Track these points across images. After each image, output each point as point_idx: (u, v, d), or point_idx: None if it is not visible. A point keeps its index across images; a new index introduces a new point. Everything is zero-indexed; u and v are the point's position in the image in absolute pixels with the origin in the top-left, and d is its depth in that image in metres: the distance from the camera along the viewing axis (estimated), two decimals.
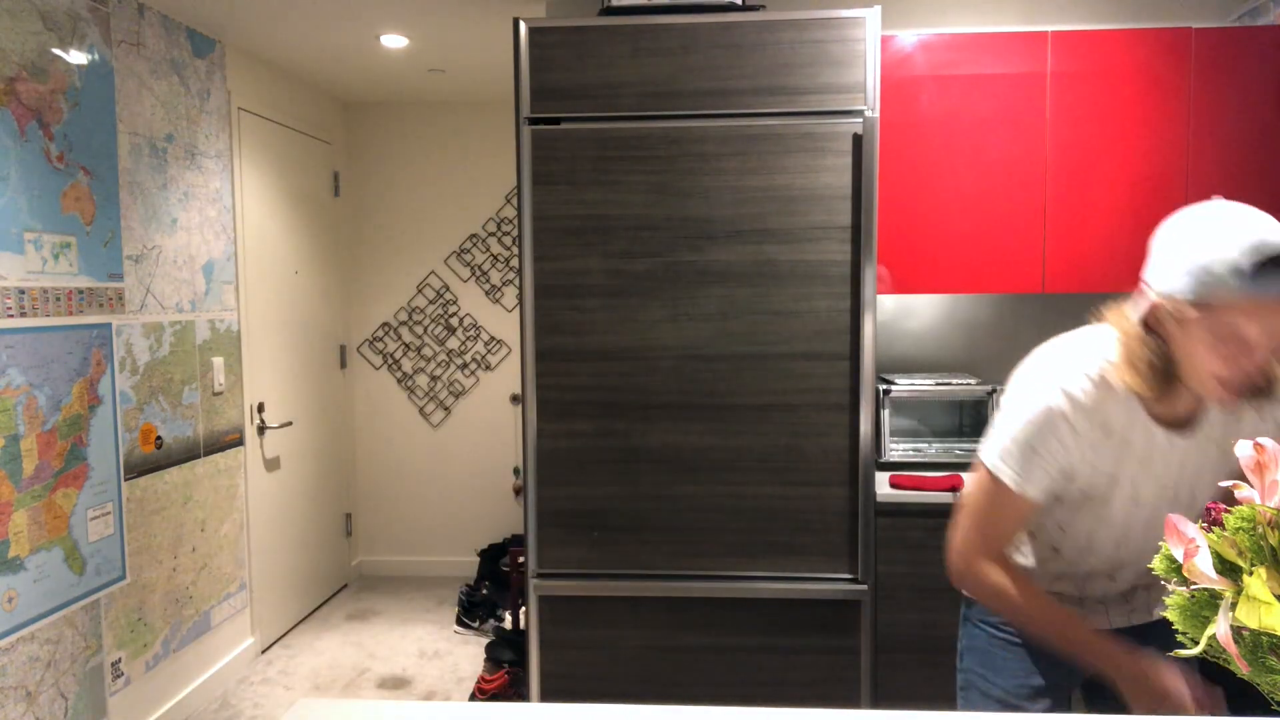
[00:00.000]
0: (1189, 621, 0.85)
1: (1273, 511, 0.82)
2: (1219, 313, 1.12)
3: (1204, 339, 1.14)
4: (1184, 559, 0.83)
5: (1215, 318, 1.12)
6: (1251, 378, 1.15)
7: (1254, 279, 1.08)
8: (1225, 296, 1.10)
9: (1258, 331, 1.10)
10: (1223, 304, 1.11)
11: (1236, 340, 1.12)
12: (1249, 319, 1.10)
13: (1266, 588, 0.77)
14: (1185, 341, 1.17)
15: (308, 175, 4.19)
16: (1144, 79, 2.51)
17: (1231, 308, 1.10)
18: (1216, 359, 1.14)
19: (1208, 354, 1.15)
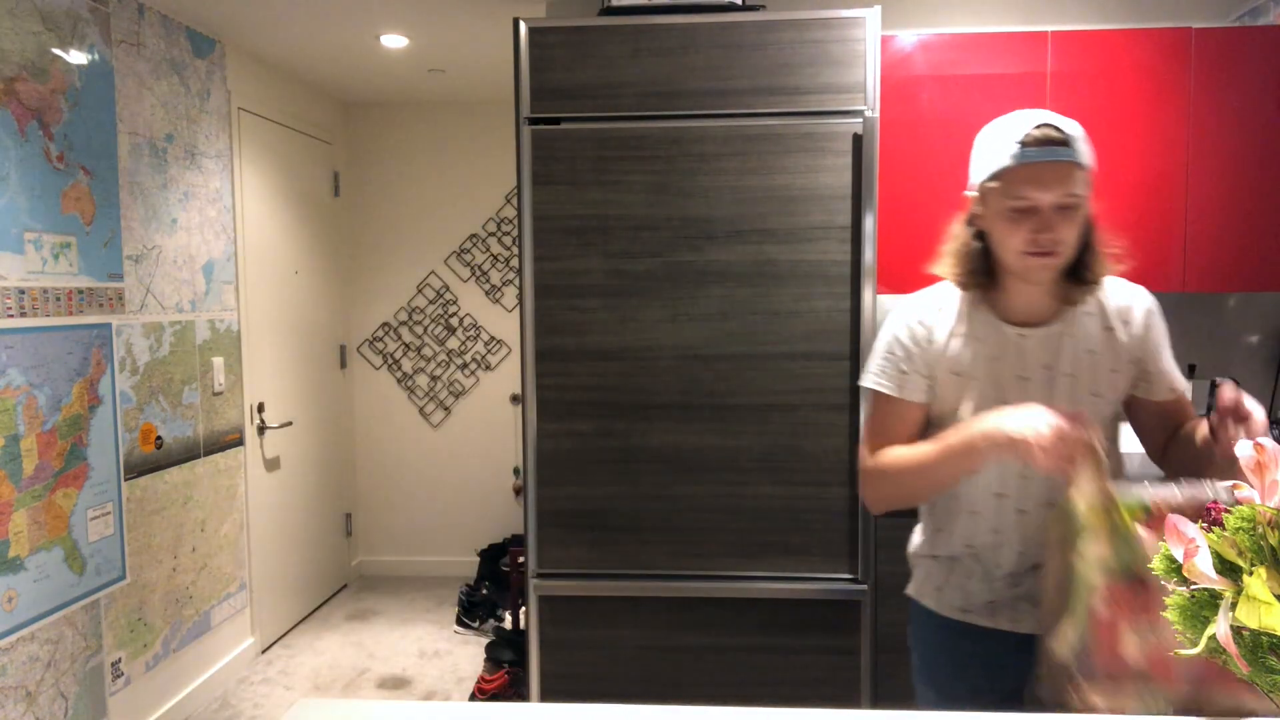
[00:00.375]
0: (1189, 621, 0.85)
1: (1273, 511, 0.82)
2: (1005, 184, 1.30)
3: (1000, 213, 1.31)
4: (1184, 559, 0.83)
5: (1004, 190, 1.30)
6: (1047, 246, 1.29)
7: (1024, 147, 1.28)
8: (1005, 165, 1.29)
9: (1035, 191, 1.27)
10: (1006, 173, 1.29)
11: (1023, 205, 1.28)
12: (1027, 183, 1.27)
13: (1266, 588, 0.77)
14: (992, 224, 1.34)
15: (308, 175, 4.19)
16: (1144, 79, 2.51)
17: (1012, 175, 1.29)
18: (1013, 228, 1.30)
19: (1007, 227, 1.31)
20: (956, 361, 1.41)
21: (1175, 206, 2.53)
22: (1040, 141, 1.27)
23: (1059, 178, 1.27)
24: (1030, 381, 1.39)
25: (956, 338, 1.42)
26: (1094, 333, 1.40)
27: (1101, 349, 1.40)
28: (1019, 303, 1.40)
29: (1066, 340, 1.39)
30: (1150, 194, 2.54)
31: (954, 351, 1.41)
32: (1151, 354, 1.43)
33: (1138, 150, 2.53)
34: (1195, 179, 2.53)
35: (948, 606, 1.50)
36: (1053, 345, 1.39)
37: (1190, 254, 2.55)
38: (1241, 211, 2.53)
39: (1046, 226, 1.29)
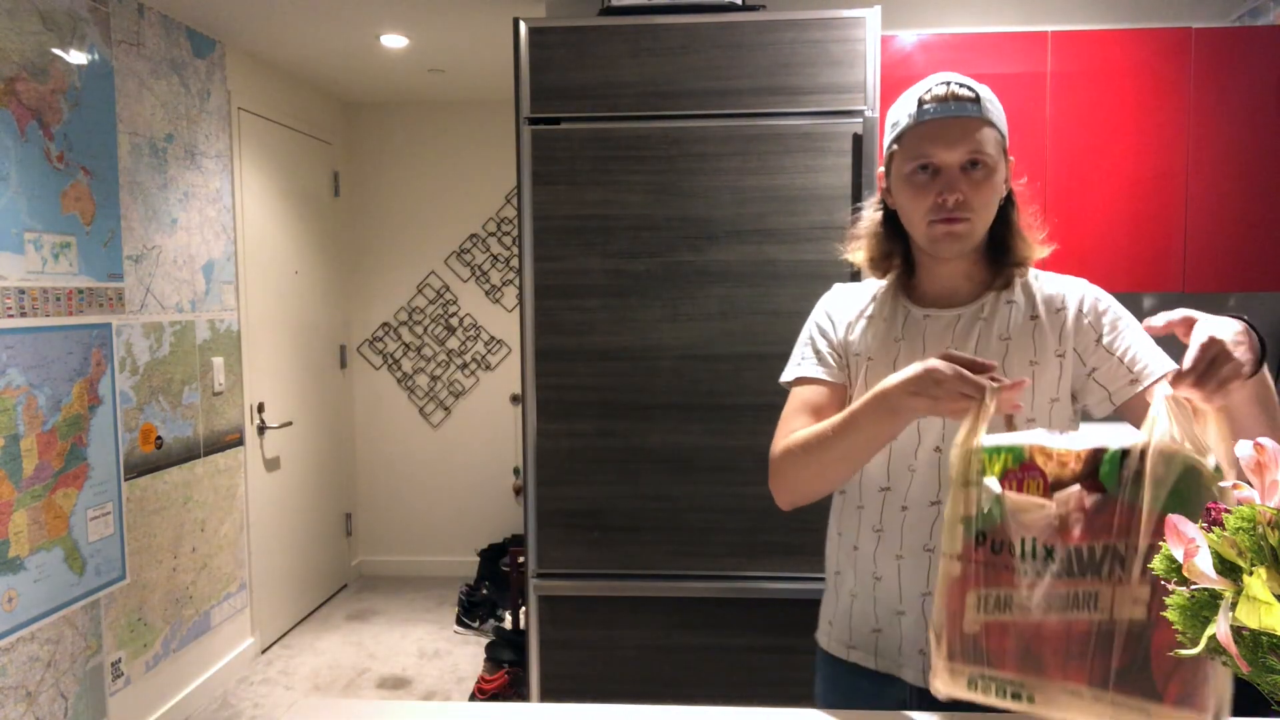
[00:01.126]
0: (1189, 621, 0.85)
1: (1273, 511, 0.82)
2: (906, 145, 1.22)
3: (903, 179, 1.23)
4: (1184, 559, 0.83)
5: (905, 151, 1.23)
6: (954, 211, 1.19)
7: (922, 101, 1.21)
8: (907, 124, 1.22)
9: (936, 149, 1.19)
10: (907, 134, 1.22)
11: (924, 163, 1.20)
12: (927, 140, 1.20)
13: (1266, 588, 0.77)
14: (898, 194, 1.26)
15: (308, 175, 4.19)
16: (1144, 79, 2.51)
17: (914, 135, 1.21)
18: (918, 194, 1.21)
19: (911, 193, 1.22)
20: (859, 342, 1.32)
21: (1175, 206, 2.53)
22: (942, 99, 1.20)
23: (963, 134, 1.19)
24: None
25: (863, 319, 1.34)
26: (1014, 320, 1.27)
27: (1019, 337, 1.26)
28: (934, 285, 1.31)
29: (978, 325, 1.27)
30: (1150, 194, 2.54)
31: (858, 334, 1.33)
32: (1103, 344, 1.27)
33: (1138, 150, 2.53)
34: (1195, 179, 2.53)
35: (836, 645, 1.37)
36: (961, 329, 1.27)
37: (1190, 254, 2.55)
38: (1241, 211, 2.53)
39: (951, 187, 1.19)
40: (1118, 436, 0.86)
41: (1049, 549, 0.86)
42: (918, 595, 1.26)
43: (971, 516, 0.94)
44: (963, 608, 0.92)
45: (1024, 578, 0.88)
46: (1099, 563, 0.83)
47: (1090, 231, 2.55)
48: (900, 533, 1.27)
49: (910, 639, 1.28)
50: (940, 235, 1.21)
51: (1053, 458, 0.88)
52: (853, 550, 1.33)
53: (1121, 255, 2.55)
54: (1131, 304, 3.08)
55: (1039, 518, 0.87)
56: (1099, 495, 0.84)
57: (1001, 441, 0.95)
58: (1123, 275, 2.56)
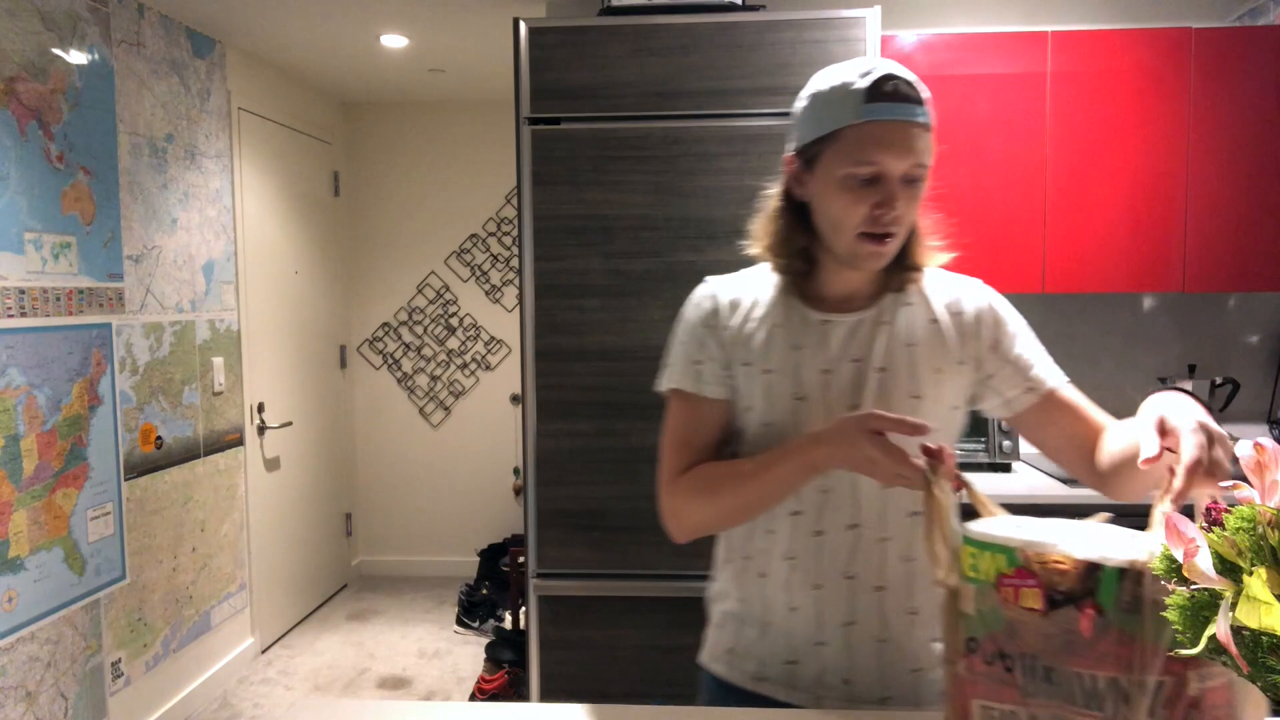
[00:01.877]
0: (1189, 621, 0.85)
1: (1273, 511, 0.82)
2: (846, 146, 1.06)
3: (835, 181, 1.08)
4: (1184, 559, 0.83)
5: (844, 153, 1.06)
6: (889, 227, 1.08)
7: (869, 99, 1.05)
8: (847, 118, 1.06)
9: (885, 156, 1.05)
10: (849, 132, 1.06)
11: (868, 173, 1.06)
12: (876, 145, 1.05)
13: (1266, 588, 0.77)
14: (821, 192, 1.11)
15: (308, 175, 4.19)
16: (1144, 79, 2.51)
17: (857, 136, 1.05)
18: (852, 202, 1.07)
19: (844, 199, 1.08)
20: (751, 350, 1.18)
21: (1175, 206, 2.53)
22: (892, 97, 1.05)
23: (912, 142, 1.06)
24: (835, 375, 1.15)
25: (752, 322, 1.19)
26: (916, 326, 1.17)
27: (924, 344, 1.17)
28: (831, 286, 1.18)
29: (882, 330, 1.16)
30: (1150, 194, 2.54)
31: (749, 338, 1.19)
32: (1000, 350, 1.19)
33: (1138, 150, 2.53)
34: (1195, 179, 2.53)
35: (742, 676, 1.24)
36: (864, 335, 1.16)
37: (1190, 254, 2.55)
38: (1241, 211, 2.53)
39: (891, 201, 1.06)
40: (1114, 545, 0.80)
41: (1049, 670, 0.80)
42: (839, 625, 1.17)
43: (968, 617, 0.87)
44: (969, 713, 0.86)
45: (1027, 696, 0.81)
46: (1101, 697, 0.77)
47: (1090, 232, 2.55)
48: (817, 560, 1.17)
49: (834, 669, 1.18)
50: (867, 253, 1.10)
51: (1047, 564, 0.81)
52: (759, 578, 1.21)
53: (1121, 255, 2.55)
54: (1131, 304, 3.10)
55: (1038, 635, 0.81)
56: (1099, 618, 0.77)
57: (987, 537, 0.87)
58: (1123, 275, 2.56)
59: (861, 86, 1.06)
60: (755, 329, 1.19)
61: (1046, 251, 2.56)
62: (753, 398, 1.18)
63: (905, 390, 1.15)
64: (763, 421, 1.17)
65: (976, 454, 2.62)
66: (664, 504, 1.21)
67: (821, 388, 1.15)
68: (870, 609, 1.17)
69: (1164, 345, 2.89)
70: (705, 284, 1.26)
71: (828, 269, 1.18)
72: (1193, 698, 0.76)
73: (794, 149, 1.15)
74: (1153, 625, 0.75)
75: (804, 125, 1.13)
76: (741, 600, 1.24)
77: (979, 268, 2.61)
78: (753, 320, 1.20)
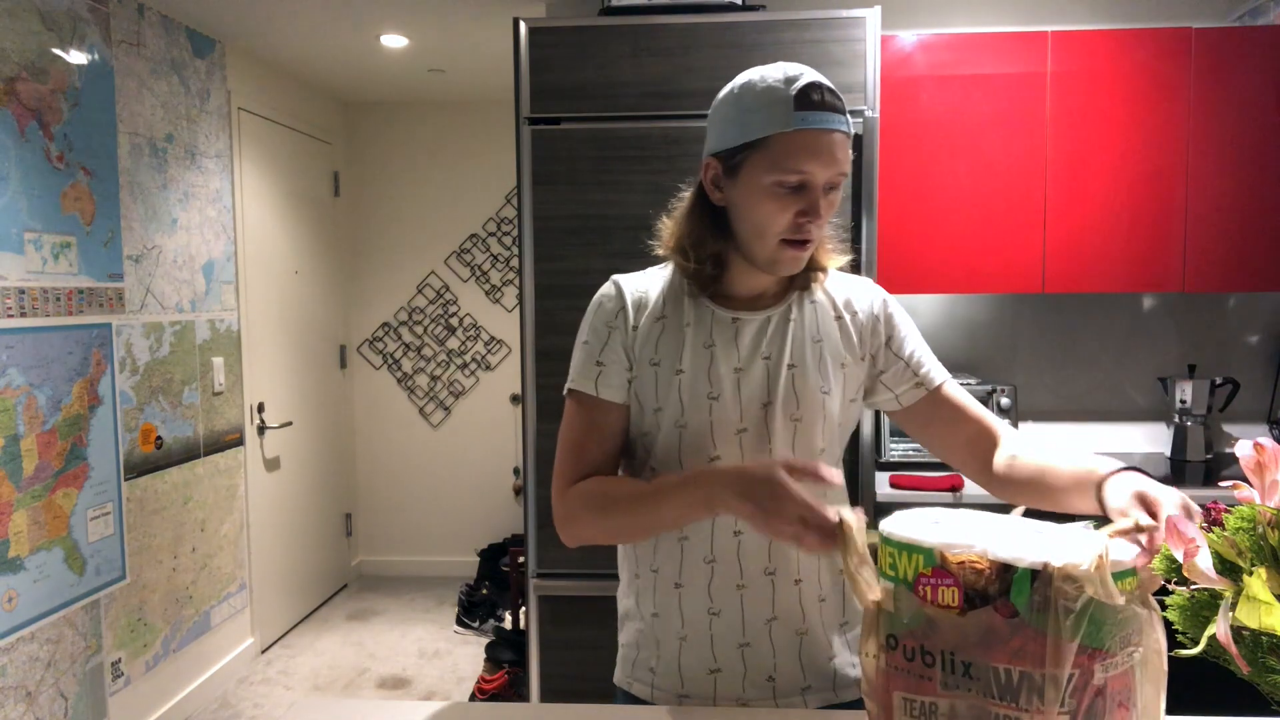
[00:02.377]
0: (1189, 621, 0.85)
1: (1273, 511, 0.82)
2: (775, 153, 1.06)
3: (761, 188, 1.08)
4: (1184, 559, 0.83)
5: (772, 160, 1.06)
6: (809, 234, 1.09)
7: (798, 105, 1.05)
8: (776, 126, 1.06)
9: (813, 165, 1.05)
10: (779, 140, 1.06)
11: (796, 180, 1.06)
12: (804, 154, 1.05)
13: (1266, 588, 0.77)
14: (744, 197, 1.10)
15: (308, 175, 4.19)
16: (1144, 79, 2.51)
17: (787, 144, 1.05)
18: (778, 209, 1.08)
19: (769, 205, 1.08)
20: (660, 350, 1.17)
21: (1175, 207, 2.53)
22: (820, 106, 1.06)
23: (835, 151, 1.07)
24: (746, 374, 1.16)
25: (661, 321, 1.18)
26: (821, 321, 1.20)
27: (829, 340, 1.19)
28: (740, 287, 1.18)
29: (790, 327, 1.18)
30: (1150, 194, 2.54)
31: (657, 338, 1.17)
32: (892, 346, 1.22)
33: (1138, 150, 2.53)
34: (1195, 179, 2.53)
35: (663, 697, 1.21)
36: (774, 332, 1.17)
37: (1190, 254, 2.55)
38: (1241, 211, 2.53)
39: (815, 209, 1.07)
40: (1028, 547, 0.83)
41: (967, 665, 0.83)
42: (763, 622, 1.18)
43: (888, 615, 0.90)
44: (891, 706, 0.90)
45: (947, 689, 0.85)
46: (1016, 690, 0.81)
47: (1090, 232, 2.55)
48: (738, 560, 1.17)
49: (756, 668, 1.18)
50: (788, 259, 1.11)
51: (964, 564, 0.84)
52: (674, 588, 1.19)
53: (1121, 255, 2.55)
54: (1131, 304, 3.10)
55: (956, 632, 0.84)
56: (1014, 618, 0.81)
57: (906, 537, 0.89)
58: (1123, 275, 2.56)
59: (790, 94, 1.06)
60: (664, 328, 1.18)
61: (1046, 251, 2.56)
62: (665, 399, 1.16)
63: (815, 385, 1.17)
64: (676, 423, 1.17)
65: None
66: (556, 510, 1.19)
67: (734, 386, 1.16)
68: (791, 602, 1.19)
69: (1164, 345, 2.89)
70: (610, 282, 1.24)
71: (738, 271, 1.17)
72: (1097, 686, 0.80)
73: (714, 152, 1.13)
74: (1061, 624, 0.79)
75: (726, 129, 1.11)
76: (655, 615, 1.22)
77: (979, 267, 2.62)
78: (661, 319, 1.19)
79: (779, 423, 1.16)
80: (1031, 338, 2.92)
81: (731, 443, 1.16)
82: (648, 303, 1.20)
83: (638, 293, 1.22)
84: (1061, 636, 0.79)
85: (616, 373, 1.18)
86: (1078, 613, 0.79)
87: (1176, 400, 2.74)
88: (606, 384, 1.18)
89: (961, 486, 2.37)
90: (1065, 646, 0.79)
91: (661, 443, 1.18)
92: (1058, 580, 0.79)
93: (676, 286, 1.21)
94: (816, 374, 1.17)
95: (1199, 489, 2.46)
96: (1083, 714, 0.80)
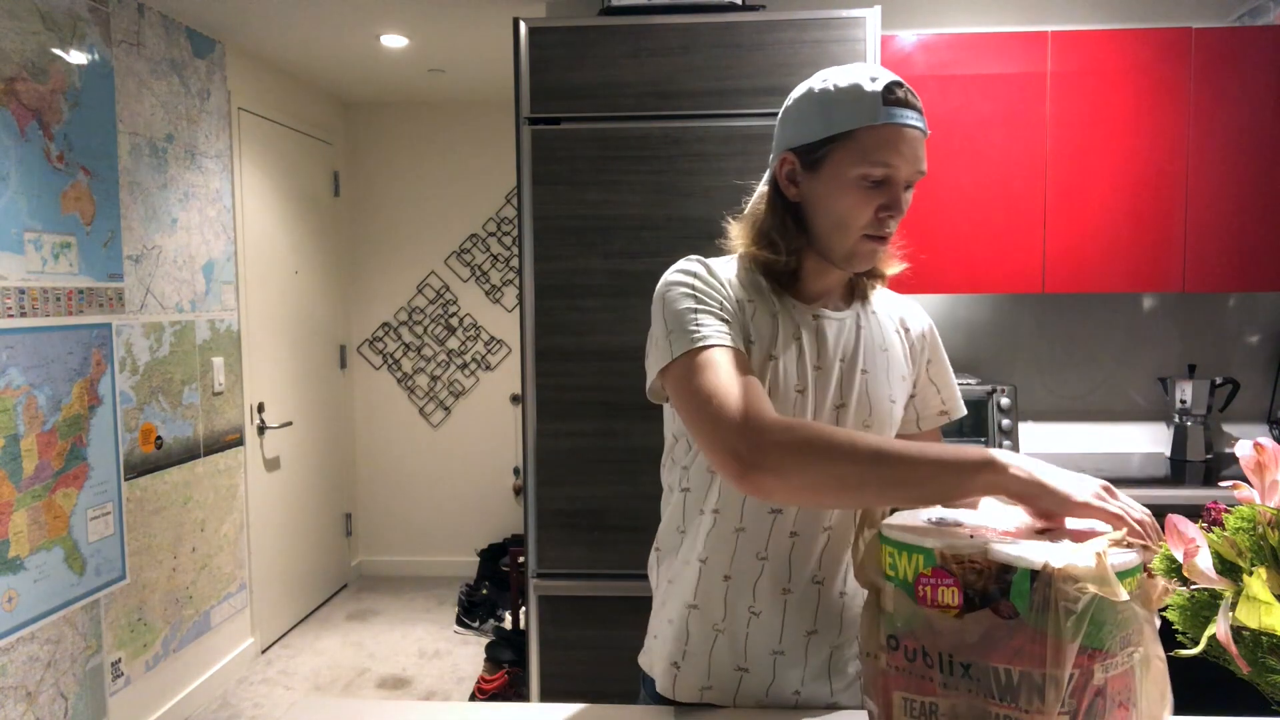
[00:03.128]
0: (1189, 621, 0.86)
1: (1273, 511, 0.82)
2: (863, 146, 1.06)
3: (848, 181, 1.07)
4: (1184, 559, 0.83)
5: (860, 152, 1.06)
6: (890, 229, 1.09)
7: (886, 100, 1.06)
8: (864, 119, 1.05)
9: (898, 159, 1.06)
10: (867, 132, 1.06)
11: (882, 174, 1.06)
12: (890, 147, 1.05)
13: (1266, 588, 0.77)
14: (826, 191, 1.09)
15: (308, 175, 4.19)
16: (1144, 79, 2.51)
17: (876, 136, 1.05)
18: (863, 202, 1.07)
19: (855, 198, 1.07)
20: (754, 329, 1.11)
21: (1175, 206, 2.53)
22: (904, 103, 1.07)
23: (916, 148, 1.09)
24: (824, 373, 1.13)
25: (751, 303, 1.13)
26: (885, 332, 1.21)
27: (893, 351, 1.20)
28: (811, 285, 1.16)
29: (863, 334, 1.18)
30: (1150, 194, 2.54)
31: (750, 316, 1.12)
32: (929, 371, 1.25)
33: (1138, 150, 2.53)
34: (1195, 179, 2.53)
35: (685, 689, 1.17)
36: (849, 335, 1.17)
37: (1190, 254, 2.55)
38: (1241, 211, 2.53)
39: (898, 204, 1.08)
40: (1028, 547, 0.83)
41: (966, 666, 0.84)
42: (802, 634, 1.14)
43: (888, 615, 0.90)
44: (891, 705, 0.90)
45: (947, 689, 0.85)
46: (1016, 689, 0.81)
47: (1090, 232, 2.55)
48: (788, 563, 1.13)
49: (784, 681, 1.15)
50: (868, 253, 1.10)
51: (964, 564, 0.84)
52: (723, 580, 1.14)
53: (1121, 255, 2.55)
54: (1131, 304, 3.10)
55: (955, 632, 0.84)
56: (1013, 619, 0.81)
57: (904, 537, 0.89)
58: (1123, 275, 2.56)
59: (876, 90, 1.06)
60: (756, 310, 1.12)
61: (1046, 251, 2.56)
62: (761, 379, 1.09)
63: (884, 393, 1.17)
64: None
65: None
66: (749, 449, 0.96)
67: (814, 383, 1.13)
68: (833, 615, 1.16)
69: (1164, 345, 2.89)
70: (689, 260, 1.16)
71: (811, 268, 1.15)
72: (1097, 686, 0.80)
73: (792, 147, 1.11)
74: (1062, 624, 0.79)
75: (808, 124, 1.10)
76: (694, 606, 1.16)
77: (979, 268, 2.62)
78: (752, 301, 1.13)
79: (851, 426, 1.15)
80: (1031, 338, 2.92)
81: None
82: (734, 282, 1.14)
83: (723, 272, 1.15)
84: (1062, 637, 0.79)
85: (737, 328, 1.10)
86: (1079, 613, 0.79)
87: (1176, 400, 2.74)
88: (737, 337, 1.09)
89: None
90: (1066, 647, 0.79)
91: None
92: (1058, 581, 0.79)
93: (750, 280, 1.16)
94: (885, 382, 1.18)
95: (1199, 489, 2.46)
96: (1083, 714, 0.80)
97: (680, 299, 1.10)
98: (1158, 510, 0.94)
